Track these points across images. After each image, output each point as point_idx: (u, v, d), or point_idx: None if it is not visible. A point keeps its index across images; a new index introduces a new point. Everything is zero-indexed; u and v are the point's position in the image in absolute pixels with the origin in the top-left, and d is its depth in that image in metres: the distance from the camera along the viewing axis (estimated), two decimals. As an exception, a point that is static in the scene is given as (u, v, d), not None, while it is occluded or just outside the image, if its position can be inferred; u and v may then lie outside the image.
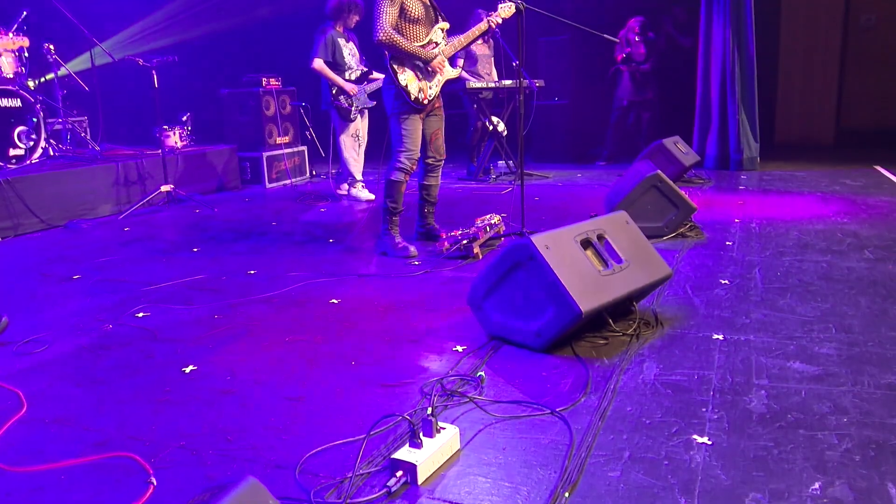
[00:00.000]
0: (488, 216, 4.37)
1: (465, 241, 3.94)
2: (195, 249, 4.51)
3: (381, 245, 4.27)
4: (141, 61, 5.72)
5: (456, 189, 6.64)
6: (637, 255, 2.78)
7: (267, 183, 7.25)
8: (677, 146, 6.43)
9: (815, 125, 9.15)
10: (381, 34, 3.88)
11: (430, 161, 4.33)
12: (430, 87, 4.08)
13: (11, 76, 5.80)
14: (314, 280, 3.63)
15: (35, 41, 6.35)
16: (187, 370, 2.52)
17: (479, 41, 7.13)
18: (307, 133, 7.56)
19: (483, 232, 4.08)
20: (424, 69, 4.06)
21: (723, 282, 3.35)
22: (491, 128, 7.09)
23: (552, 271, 2.42)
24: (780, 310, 2.93)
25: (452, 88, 6.68)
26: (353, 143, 6.09)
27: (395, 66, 3.98)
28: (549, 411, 2.09)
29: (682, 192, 4.25)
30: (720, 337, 2.64)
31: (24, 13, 6.29)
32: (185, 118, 7.29)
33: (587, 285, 2.49)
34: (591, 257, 2.66)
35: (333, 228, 5.07)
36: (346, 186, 6.29)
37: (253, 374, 2.46)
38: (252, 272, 3.87)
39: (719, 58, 7.17)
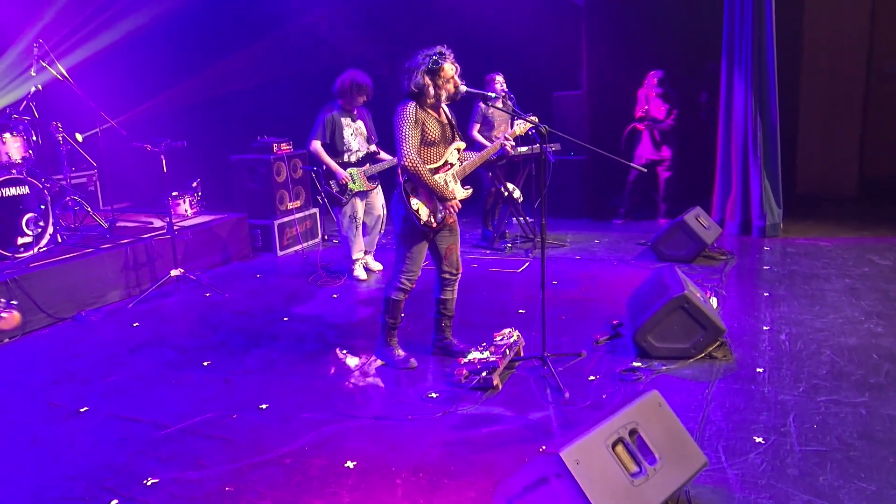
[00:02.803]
0: (507, 332, 4.20)
1: (484, 373, 3.79)
2: (205, 364, 4.39)
3: (381, 355, 4.27)
4: (149, 147, 5.61)
5: (471, 262, 6.49)
6: (671, 448, 2.63)
7: (278, 250, 7.13)
8: (699, 221, 6.27)
9: (838, 175, 8.91)
10: (408, 161, 3.76)
11: (445, 276, 4.20)
12: (441, 213, 3.95)
13: (20, 161, 5.70)
14: (328, 426, 3.49)
15: (42, 118, 6.26)
16: (197, 589, 2.39)
17: (498, 105, 6.97)
18: (319, 197, 7.43)
19: (503, 357, 3.92)
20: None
21: (757, 440, 3.18)
22: (506, 194, 6.94)
23: (584, 495, 2.27)
24: (821, 494, 2.77)
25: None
26: (351, 224, 5.94)
27: (408, 190, 3.85)
28: None
29: (711, 312, 4.08)
30: (761, 545, 2.48)
31: (33, 88, 6.20)
32: (194, 184, 7.19)
33: (621, 503, 2.34)
34: (622, 457, 2.50)
35: (346, 329, 4.93)
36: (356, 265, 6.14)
37: None
38: (264, 407, 3.74)
39: (741, 122, 6.97)
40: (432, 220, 3.92)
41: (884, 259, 6.02)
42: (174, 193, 6.90)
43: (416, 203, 3.86)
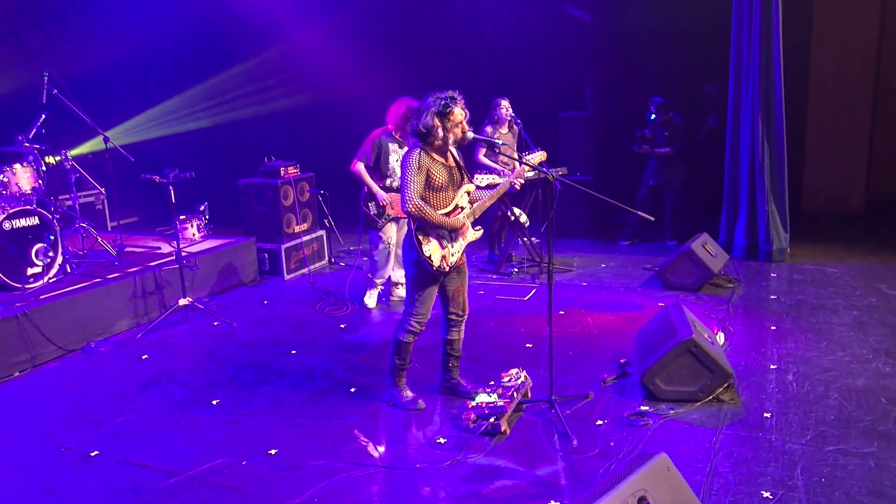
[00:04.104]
0: (514, 373, 4.22)
1: (492, 419, 3.81)
2: (214, 402, 4.41)
3: (389, 396, 4.29)
4: (157, 178, 5.64)
5: (478, 289, 6.49)
6: (679, 515, 2.64)
7: (285, 274, 7.15)
8: (706, 248, 6.27)
9: (845, 192, 8.93)
10: (410, 205, 3.79)
11: (452, 317, 4.22)
12: (453, 255, 3.98)
13: (29, 191, 5.74)
14: (337, 475, 3.50)
15: (52, 144, 6.30)
16: None
17: (504, 129, 6.99)
18: (326, 221, 7.47)
19: (510, 401, 3.94)
20: (449, 236, 3.95)
21: (765, 495, 3.18)
22: (513, 218, 6.95)
23: (593, 572, 2.29)
24: (831, 558, 2.77)
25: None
26: (384, 249, 5.95)
27: (420, 237, 3.87)
28: None
29: (718, 356, 4.08)
30: None
31: (43, 116, 6.24)
32: (202, 208, 7.22)
33: (629, 577, 2.36)
34: (631, 526, 2.52)
35: (355, 364, 4.94)
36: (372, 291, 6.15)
37: None
38: (273, 452, 3.76)
39: (748, 146, 6.97)
40: (444, 266, 3.94)
41: (892, 289, 6.01)
42: (181, 217, 6.92)
43: (428, 249, 3.88)
